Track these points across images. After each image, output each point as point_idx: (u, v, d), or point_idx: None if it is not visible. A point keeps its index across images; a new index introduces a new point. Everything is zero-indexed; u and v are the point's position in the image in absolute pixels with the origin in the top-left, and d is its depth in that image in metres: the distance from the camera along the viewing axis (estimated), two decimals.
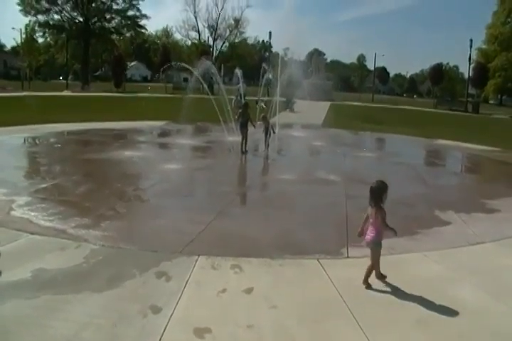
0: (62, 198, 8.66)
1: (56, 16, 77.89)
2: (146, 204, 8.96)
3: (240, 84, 36.00)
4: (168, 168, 12.20)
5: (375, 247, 5.48)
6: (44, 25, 76.97)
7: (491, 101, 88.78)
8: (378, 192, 5.61)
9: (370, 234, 5.49)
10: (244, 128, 14.24)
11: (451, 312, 4.90)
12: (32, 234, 6.54)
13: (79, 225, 7.01)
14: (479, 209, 9.33)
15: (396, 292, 5.35)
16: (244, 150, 14.35)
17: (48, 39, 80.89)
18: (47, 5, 75.57)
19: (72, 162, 12.62)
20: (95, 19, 79.08)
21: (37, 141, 15.71)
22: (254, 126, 14.57)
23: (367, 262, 5.89)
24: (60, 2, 76.57)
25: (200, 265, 5.78)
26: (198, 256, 6.02)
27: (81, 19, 77.19)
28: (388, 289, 5.40)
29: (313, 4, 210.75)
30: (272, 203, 9.36)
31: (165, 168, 12.37)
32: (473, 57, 67.17)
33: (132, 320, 4.45)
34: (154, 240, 6.66)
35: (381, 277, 5.61)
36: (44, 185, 9.52)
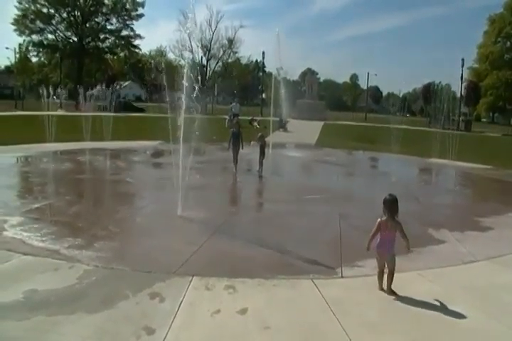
0: (55, 218, 8.62)
1: (50, 36, 78.70)
2: (139, 224, 8.90)
3: (233, 104, 36.32)
4: (161, 188, 12.24)
5: (392, 259, 5.74)
6: (38, 44, 77.61)
7: (483, 120, 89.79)
8: (394, 205, 5.76)
9: (386, 247, 5.70)
10: (235, 148, 14.24)
11: (446, 332, 4.89)
12: (24, 254, 6.50)
13: (72, 245, 6.97)
14: (473, 227, 9.37)
15: (390, 311, 5.33)
16: (235, 169, 14.32)
17: (42, 58, 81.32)
18: (41, 25, 76.28)
19: (65, 182, 12.58)
20: (89, 39, 79.85)
21: (30, 161, 15.65)
22: (242, 148, 14.53)
23: (361, 282, 5.91)
24: (54, 22, 77.44)
25: (194, 286, 5.75)
26: (192, 276, 5.99)
27: (75, 39, 77.95)
28: (383, 309, 5.38)
29: (307, 24, 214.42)
30: (266, 223, 9.36)
31: (158, 188, 12.41)
32: (465, 76, 68.03)
33: None
34: (148, 261, 6.62)
35: (391, 293, 5.74)
36: (37, 205, 9.47)
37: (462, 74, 60.85)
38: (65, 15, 77.80)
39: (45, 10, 76.23)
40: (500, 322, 5.15)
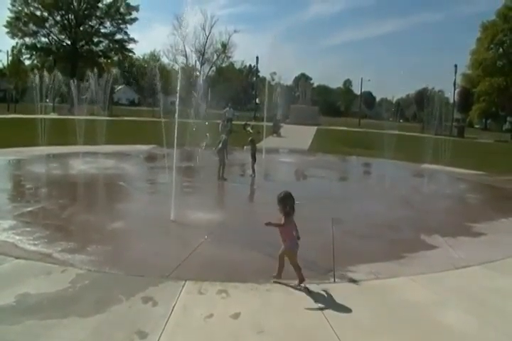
0: (48, 222, 8.58)
1: (43, 39, 78.41)
2: (132, 228, 8.89)
3: (227, 109, 36.37)
4: (154, 193, 12.25)
5: (291, 254, 5.99)
6: (31, 47, 77.34)
7: (476, 126, 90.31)
8: (284, 201, 6.06)
9: (284, 242, 5.99)
10: (221, 155, 14.17)
11: (439, 338, 4.92)
12: (17, 258, 6.47)
13: (64, 249, 6.95)
14: (465, 232, 9.42)
15: (383, 317, 5.35)
16: (221, 176, 14.13)
17: (35, 61, 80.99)
18: (34, 28, 76.03)
19: (57, 185, 12.54)
20: (83, 42, 79.65)
21: (22, 164, 15.57)
22: (227, 157, 14.41)
23: (354, 287, 5.96)
24: (47, 25, 77.18)
25: (187, 290, 5.75)
26: (185, 281, 5.99)
27: (69, 42, 77.72)
28: (375, 314, 5.40)
29: (301, 29, 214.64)
30: (258, 227, 9.34)
31: (150, 193, 12.41)
32: (458, 82, 68.51)
33: None
34: (141, 265, 6.61)
35: (278, 277, 6.12)
36: (29, 209, 9.42)
37: (455, 81, 61.37)
38: (58, 18, 77.57)
39: (38, 13, 76.00)
40: (492, 327, 5.18)
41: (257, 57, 70.30)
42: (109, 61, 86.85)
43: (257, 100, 74.69)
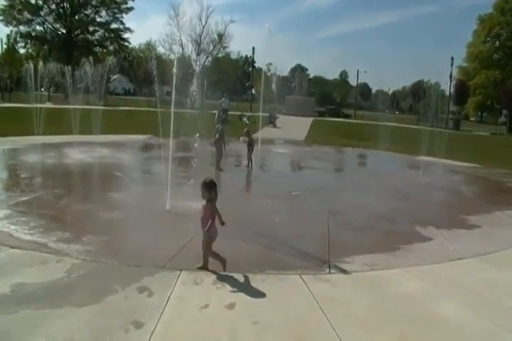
0: (43, 211, 8.56)
1: (38, 27, 77.60)
2: (127, 218, 8.89)
3: (223, 99, 36.26)
4: (150, 183, 12.24)
5: (208, 237, 6.04)
6: (26, 36, 76.55)
7: (472, 118, 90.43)
8: (208, 188, 6.05)
9: (204, 226, 5.99)
10: (218, 145, 14.18)
11: (434, 329, 4.95)
12: (12, 247, 6.46)
13: (60, 239, 6.94)
14: (460, 224, 9.46)
15: (378, 308, 5.38)
16: (219, 166, 14.20)
17: (30, 50, 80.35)
18: (29, 16, 75.21)
19: (52, 175, 12.50)
20: (78, 31, 78.93)
21: (17, 153, 15.49)
22: (224, 147, 14.42)
23: (349, 278, 5.99)
24: (42, 13, 76.32)
25: (182, 280, 5.76)
26: (181, 271, 6.01)
27: (64, 31, 76.97)
28: (370, 305, 5.43)
29: (297, 20, 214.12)
30: (254, 218, 9.38)
31: (146, 183, 12.41)
32: (454, 74, 68.50)
33: (114, 335, 4.41)
34: (136, 255, 6.61)
35: (205, 268, 6.11)
36: (24, 198, 9.39)
37: (451, 73, 61.35)
38: (53, 6, 76.69)
39: (33, 1, 75.12)
40: (486, 319, 5.22)
41: (253, 48, 70.11)
42: (104, 50, 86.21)
43: (253, 91, 74.46)
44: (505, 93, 59.09)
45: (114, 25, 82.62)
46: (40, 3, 75.77)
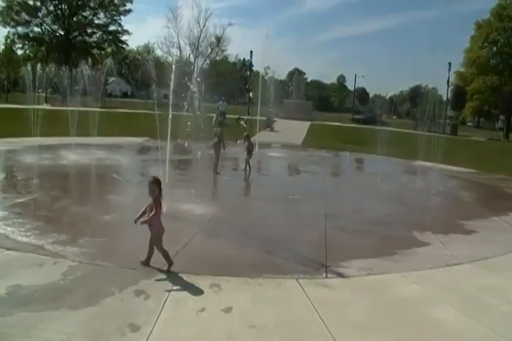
0: (40, 213, 8.55)
1: (36, 29, 77.54)
2: (124, 221, 8.83)
3: (221, 102, 36.26)
4: (146, 185, 12.17)
5: (158, 238, 6.12)
6: (24, 37, 76.47)
7: (469, 124, 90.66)
8: (153, 186, 6.14)
9: (151, 224, 6.07)
10: (216, 148, 14.20)
11: (430, 333, 4.96)
12: (8, 249, 6.44)
13: (56, 241, 6.92)
14: (457, 230, 9.49)
15: (375, 313, 5.38)
16: (216, 169, 14.18)
17: (28, 51, 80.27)
18: (27, 17, 75.14)
19: (49, 177, 12.47)
20: (76, 33, 78.92)
21: (14, 155, 15.42)
22: (224, 148, 14.45)
23: (345, 282, 5.99)
24: (40, 15, 76.25)
25: (179, 283, 5.74)
26: (177, 274, 5.99)
27: (62, 32, 76.95)
28: (367, 310, 5.43)
29: (295, 24, 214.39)
30: (251, 222, 9.39)
31: (143, 186, 12.33)
32: (452, 79, 68.75)
33: (110, 338, 4.40)
34: (133, 257, 6.57)
35: (146, 264, 6.19)
36: (21, 200, 9.35)
37: (449, 78, 61.55)
38: (51, 8, 76.58)
39: (31, 2, 74.89)
40: (482, 324, 5.23)
41: (251, 52, 69.96)
42: (102, 52, 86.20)
43: (251, 94, 74.51)
44: (503, 99, 59.31)
45: (112, 27, 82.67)
46: (38, 4, 75.71)
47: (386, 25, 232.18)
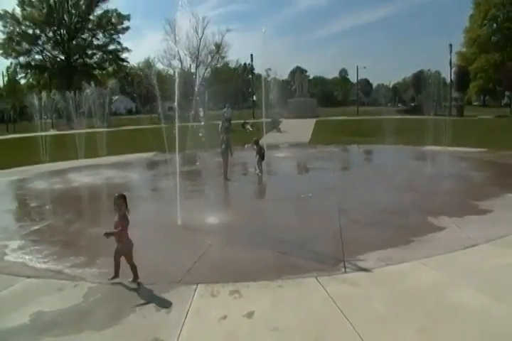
0: (55, 239, 8.62)
1: (37, 56, 78.47)
2: (140, 237, 8.83)
3: (225, 109, 36.35)
4: (159, 199, 12.27)
5: (128, 253, 6.13)
6: (26, 66, 77.37)
7: (475, 103, 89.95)
8: (118, 202, 6.11)
9: (120, 242, 6.10)
10: (225, 155, 14.25)
11: (454, 318, 4.93)
12: (28, 277, 6.52)
13: (74, 264, 6.99)
14: (471, 211, 9.40)
15: (397, 303, 5.36)
16: (226, 176, 14.27)
17: (31, 80, 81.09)
18: (27, 46, 76.07)
19: (62, 201, 12.55)
20: (77, 56, 79.63)
21: (26, 183, 15.57)
22: (231, 154, 14.51)
23: (365, 276, 5.99)
24: (40, 42, 77.18)
25: (199, 293, 5.78)
26: (197, 284, 6.02)
27: (62, 57, 77.71)
28: (389, 301, 5.41)
29: (293, 23, 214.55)
30: (265, 224, 9.38)
31: (156, 199, 12.44)
32: (454, 61, 68.28)
33: None
34: (151, 272, 6.61)
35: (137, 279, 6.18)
36: (36, 227, 9.45)
37: (451, 60, 61.08)
38: (50, 34, 77.42)
39: (30, 31, 76.01)
40: (505, 304, 5.18)
41: (252, 55, 70.10)
42: (104, 72, 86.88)
43: (254, 97, 74.52)
44: (507, 75, 58.71)
45: (111, 47, 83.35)
46: (38, 32, 76.67)
47: (384, 13, 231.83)
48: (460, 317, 4.94)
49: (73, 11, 77.84)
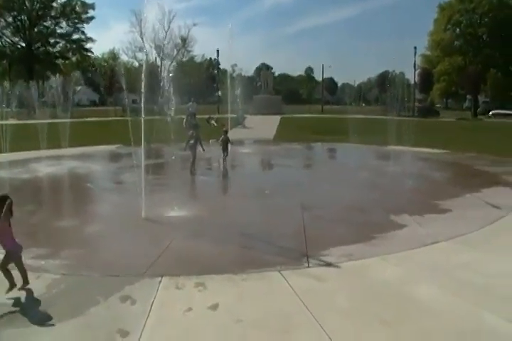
0: (16, 229, 8.41)
1: None
2: (104, 229, 8.83)
3: (190, 103, 36.14)
4: (124, 192, 12.16)
5: (16, 258, 5.67)
6: None
7: (438, 105, 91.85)
8: (2, 203, 5.59)
9: (5, 247, 5.66)
10: (193, 150, 14.25)
11: (414, 314, 5.08)
12: None
13: (37, 256, 6.86)
14: (432, 210, 9.69)
15: (359, 297, 5.50)
16: (193, 170, 14.30)
17: None
18: None
19: (21, 192, 12.24)
20: (39, 44, 77.66)
21: None
22: (203, 149, 14.56)
23: (327, 270, 6.12)
24: None
25: (164, 286, 5.79)
26: (161, 277, 6.03)
27: (23, 44, 75.68)
28: (351, 296, 5.54)
29: (260, 19, 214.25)
30: (230, 219, 9.44)
31: (120, 192, 12.32)
32: (418, 63, 69.68)
33: None
34: (116, 265, 6.60)
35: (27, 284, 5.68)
36: None
37: (415, 62, 62.38)
38: (10, 19, 75.38)
39: None
40: (464, 300, 5.38)
41: (218, 50, 69.87)
42: (67, 62, 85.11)
43: (220, 93, 74.37)
44: (468, 79, 60.29)
45: (75, 36, 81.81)
46: None
47: (351, 13, 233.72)
48: (420, 311, 5.10)
49: None
